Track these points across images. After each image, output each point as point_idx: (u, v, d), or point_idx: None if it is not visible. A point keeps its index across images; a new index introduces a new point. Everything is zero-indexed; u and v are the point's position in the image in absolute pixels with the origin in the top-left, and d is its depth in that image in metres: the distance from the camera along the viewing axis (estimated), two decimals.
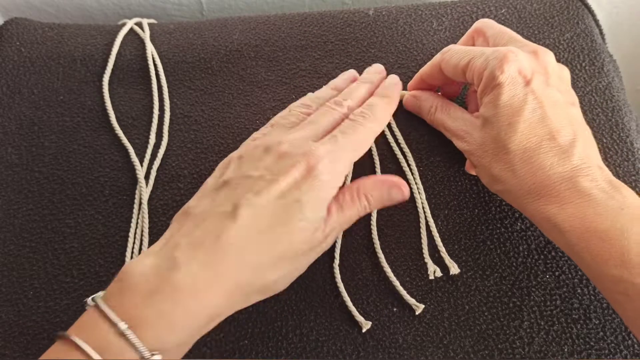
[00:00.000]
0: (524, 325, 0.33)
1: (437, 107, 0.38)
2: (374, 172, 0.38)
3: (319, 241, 0.30)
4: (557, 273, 0.34)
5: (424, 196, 0.37)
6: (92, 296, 0.27)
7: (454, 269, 0.34)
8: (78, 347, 0.24)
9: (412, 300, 0.34)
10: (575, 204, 0.29)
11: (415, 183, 0.38)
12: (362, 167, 0.39)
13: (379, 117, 0.34)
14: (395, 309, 0.34)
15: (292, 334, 0.34)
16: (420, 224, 0.36)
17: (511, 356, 0.32)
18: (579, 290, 0.34)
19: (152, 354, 0.25)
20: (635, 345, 0.32)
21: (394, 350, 0.33)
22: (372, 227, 0.36)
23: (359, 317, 0.33)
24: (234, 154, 0.32)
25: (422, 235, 0.36)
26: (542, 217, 0.30)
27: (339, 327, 0.34)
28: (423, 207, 0.37)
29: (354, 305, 0.34)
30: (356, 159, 0.33)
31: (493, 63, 0.32)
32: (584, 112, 0.39)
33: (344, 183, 0.34)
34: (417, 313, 0.33)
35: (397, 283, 0.34)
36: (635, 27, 0.65)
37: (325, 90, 0.37)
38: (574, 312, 0.33)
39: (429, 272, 0.34)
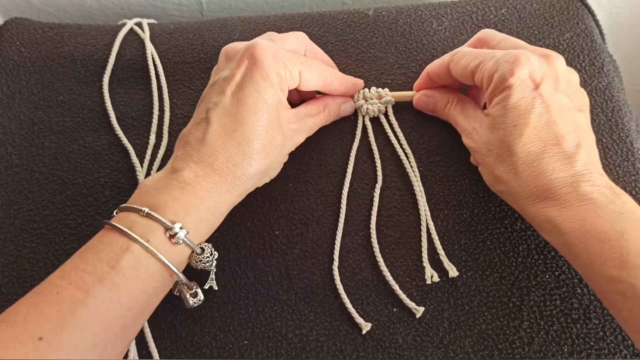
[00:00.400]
0: (523, 325, 0.33)
1: (453, 103, 0.38)
2: (375, 174, 0.38)
3: (291, 130, 0.35)
4: (556, 273, 0.34)
5: (425, 198, 0.37)
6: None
7: (453, 272, 0.34)
8: (113, 228, 0.29)
9: (411, 304, 0.34)
10: (576, 207, 0.30)
11: (417, 185, 0.37)
12: (363, 167, 0.39)
13: (318, 72, 0.36)
14: (395, 310, 0.34)
15: (292, 334, 0.34)
16: (421, 227, 0.36)
17: (511, 356, 0.32)
18: (578, 290, 0.34)
19: (174, 224, 0.30)
20: (635, 346, 0.32)
21: (394, 350, 0.33)
22: (371, 228, 0.36)
23: (359, 319, 0.33)
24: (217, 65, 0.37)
25: (422, 239, 0.36)
26: (543, 218, 0.31)
27: (338, 327, 0.34)
28: (425, 211, 0.37)
29: (353, 306, 0.34)
30: (303, 80, 0.35)
31: (504, 66, 0.32)
32: None
33: None
34: (417, 316, 0.33)
35: (396, 287, 0.34)
36: (635, 27, 0.65)
37: None
38: (574, 312, 0.33)
39: (426, 277, 0.34)
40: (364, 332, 0.33)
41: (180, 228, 0.30)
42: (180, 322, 0.34)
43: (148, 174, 0.39)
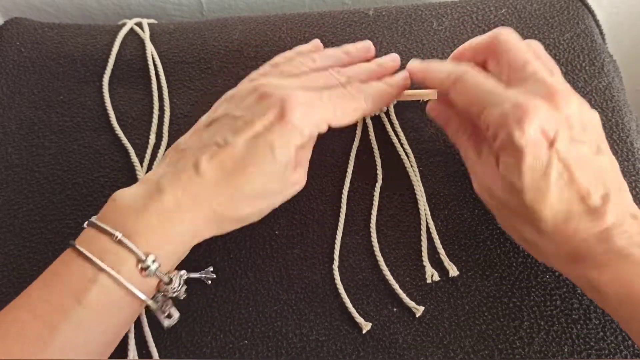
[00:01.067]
0: (524, 325, 0.33)
1: (467, 133, 0.35)
2: (375, 173, 0.38)
3: (291, 182, 0.33)
4: (557, 273, 0.34)
5: (425, 198, 0.37)
6: (87, 221, 0.30)
7: (453, 272, 0.34)
8: (81, 254, 0.28)
9: (411, 304, 0.34)
10: (614, 267, 0.28)
11: (418, 185, 0.37)
12: (363, 167, 0.39)
13: (372, 98, 0.34)
14: (395, 309, 0.34)
15: (292, 334, 0.34)
16: (421, 227, 0.36)
17: (511, 356, 0.32)
18: (579, 290, 0.34)
19: (147, 256, 0.28)
20: (635, 346, 0.32)
21: (394, 350, 0.33)
22: (371, 228, 0.36)
23: (359, 319, 0.33)
24: (228, 92, 0.34)
25: (422, 238, 0.36)
26: (582, 281, 0.29)
27: (338, 327, 0.34)
28: (425, 211, 0.37)
29: (353, 305, 0.34)
30: (334, 123, 0.33)
31: (511, 121, 0.29)
32: None
33: None
34: (417, 316, 0.33)
35: (396, 286, 0.34)
36: (635, 27, 0.65)
37: (337, 52, 0.38)
38: (574, 312, 0.33)
39: (426, 276, 0.34)
40: (364, 331, 0.33)
41: (153, 261, 0.28)
42: (180, 322, 0.34)
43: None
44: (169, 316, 0.32)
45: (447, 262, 0.35)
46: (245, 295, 0.35)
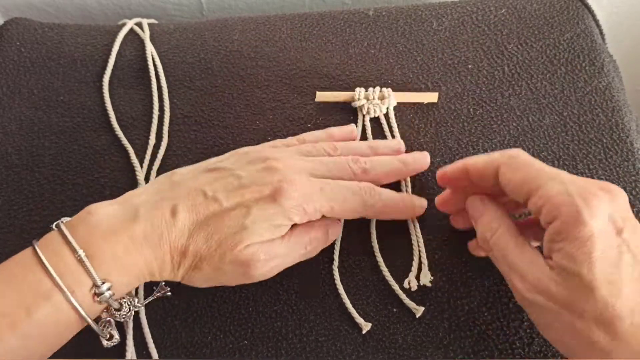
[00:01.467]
0: (524, 325, 0.33)
1: (501, 229, 0.30)
2: None
3: (247, 262, 0.30)
4: None
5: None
6: (57, 222, 0.29)
7: (426, 280, 0.34)
8: (41, 263, 0.27)
9: (411, 304, 0.34)
10: None
11: (406, 189, 0.37)
12: None
13: (380, 204, 0.33)
14: (395, 310, 0.34)
15: (292, 334, 0.34)
16: (410, 233, 0.36)
17: (511, 356, 0.32)
18: None
19: (103, 282, 0.28)
20: None
21: (394, 350, 0.33)
22: (371, 228, 0.36)
23: (359, 319, 0.33)
24: (246, 147, 0.35)
25: (412, 243, 0.36)
26: None
27: (338, 327, 0.34)
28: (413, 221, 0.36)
29: (353, 306, 0.34)
30: (332, 215, 0.32)
31: (579, 201, 0.26)
32: (585, 113, 0.40)
33: None
34: (417, 316, 0.33)
35: (396, 286, 0.34)
36: (635, 27, 0.65)
37: (361, 145, 0.37)
38: None
39: (404, 283, 0.34)
40: (364, 332, 0.33)
41: (108, 289, 0.28)
42: (180, 322, 0.34)
43: (148, 173, 0.39)
44: (110, 337, 0.31)
45: (424, 270, 0.34)
46: (245, 295, 0.35)
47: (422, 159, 0.37)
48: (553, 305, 0.27)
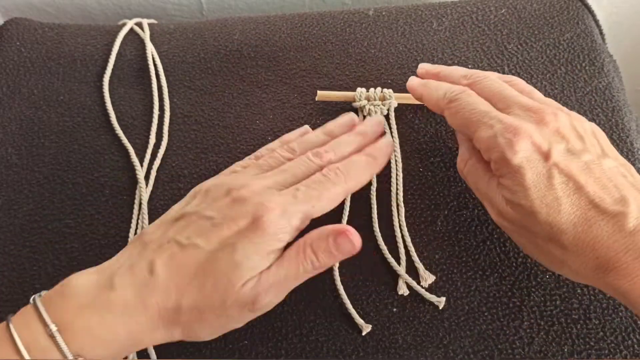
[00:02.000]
0: (523, 325, 0.33)
1: (472, 160, 0.33)
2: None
3: (250, 299, 0.28)
4: (556, 273, 0.34)
5: (403, 212, 0.37)
6: (35, 295, 0.29)
7: (425, 281, 0.34)
8: (11, 337, 0.26)
9: (433, 297, 0.34)
10: None
11: (394, 198, 0.37)
12: None
13: (354, 177, 0.32)
14: (395, 310, 0.34)
15: (292, 334, 0.34)
16: (396, 237, 0.36)
17: (511, 356, 0.32)
18: (578, 291, 0.34)
19: (76, 358, 0.27)
20: (635, 345, 0.32)
21: (394, 350, 0.33)
22: (372, 228, 0.36)
23: (359, 320, 0.33)
24: (205, 185, 0.32)
25: (398, 245, 0.36)
26: (617, 294, 0.28)
27: (338, 327, 0.34)
28: (401, 224, 0.36)
29: (353, 306, 0.34)
30: (316, 214, 0.31)
31: (502, 142, 0.29)
32: (584, 113, 0.40)
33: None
34: (440, 308, 0.33)
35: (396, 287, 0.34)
36: (635, 27, 0.65)
37: (317, 135, 0.36)
38: (574, 312, 0.33)
39: (397, 289, 0.34)
40: (363, 333, 0.33)
41: None
42: None
43: (148, 173, 0.39)
44: None
45: (422, 269, 0.35)
46: None
47: (377, 122, 0.37)
48: (516, 228, 0.31)
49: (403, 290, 0.34)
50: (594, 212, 0.28)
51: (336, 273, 0.35)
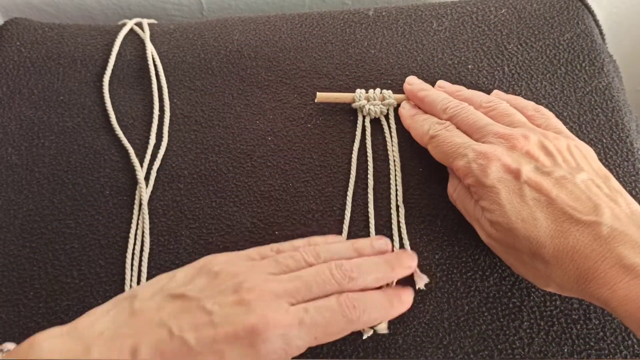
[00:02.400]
0: (523, 325, 0.33)
1: (460, 187, 0.35)
2: (367, 174, 0.38)
3: None
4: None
5: (404, 213, 0.37)
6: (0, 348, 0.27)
7: (421, 283, 0.34)
8: None
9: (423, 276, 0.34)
10: (625, 284, 0.26)
11: (393, 196, 0.37)
12: (363, 168, 0.39)
13: (367, 317, 0.30)
14: None
15: None
16: (393, 237, 0.36)
17: (511, 356, 0.32)
18: None
19: None
20: (635, 346, 0.32)
21: (394, 350, 0.33)
22: (371, 229, 0.36)
23: None
24: (216, 264, 0.31)
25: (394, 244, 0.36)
26: (600, 303, 0.28)
27: None
28: (401, 223, 0.36)
29: None
30: (315, 344, 0.29)
31: (475, 167, 0.32)
32: (584, 112, 0.40)
33: None
34: (417, 287, 0.33)
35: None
36: (635, 27, 0.65)
37: (345, 248, 0.33)
38: (574, 312, 0.33)
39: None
40: (364, 337, 0.33)
41: None
42: None
43: (148, 173, 0.39)
44: None
45: (418, 273, 0.34)
46: None
47: (408, 260, 0.34)
48: (503, 247, 0.32)
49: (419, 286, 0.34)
50: (569, 224, 0.29)
51: None
